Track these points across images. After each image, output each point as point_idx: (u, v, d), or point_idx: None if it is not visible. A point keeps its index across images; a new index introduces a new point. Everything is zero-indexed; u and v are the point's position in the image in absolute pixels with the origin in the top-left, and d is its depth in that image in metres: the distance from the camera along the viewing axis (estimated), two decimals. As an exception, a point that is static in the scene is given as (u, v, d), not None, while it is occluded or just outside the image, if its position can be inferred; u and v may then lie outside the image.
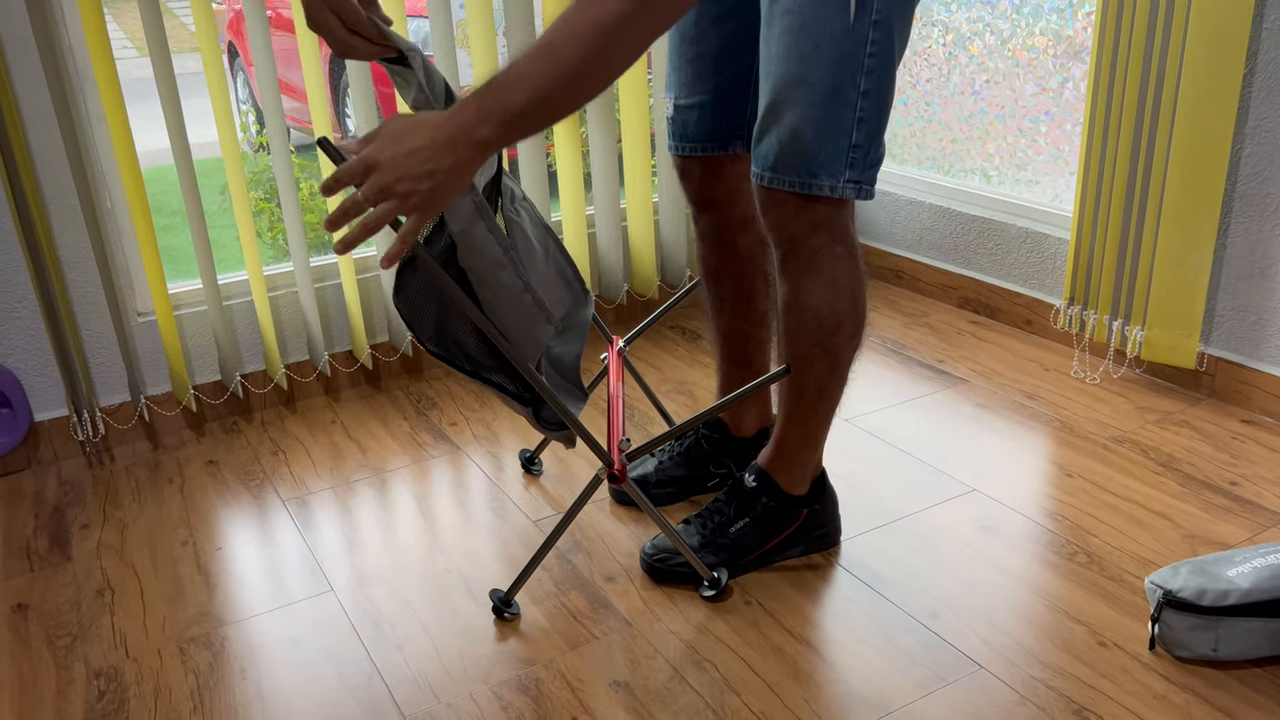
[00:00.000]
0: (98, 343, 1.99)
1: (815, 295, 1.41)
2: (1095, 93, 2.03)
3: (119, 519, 1.79)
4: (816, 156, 1.34)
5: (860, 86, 1.32)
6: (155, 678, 1.39)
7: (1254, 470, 1.77)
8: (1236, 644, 1.30)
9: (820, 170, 1.35)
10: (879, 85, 1.33)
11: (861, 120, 1.34)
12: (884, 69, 1.33)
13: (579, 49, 1.06)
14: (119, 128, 1.84)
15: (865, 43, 1.30)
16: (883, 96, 1.34)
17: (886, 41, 1.32)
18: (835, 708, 1.28)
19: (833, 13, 1.28)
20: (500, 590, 1.51)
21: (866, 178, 1.37)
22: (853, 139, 1.34)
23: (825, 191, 1.35)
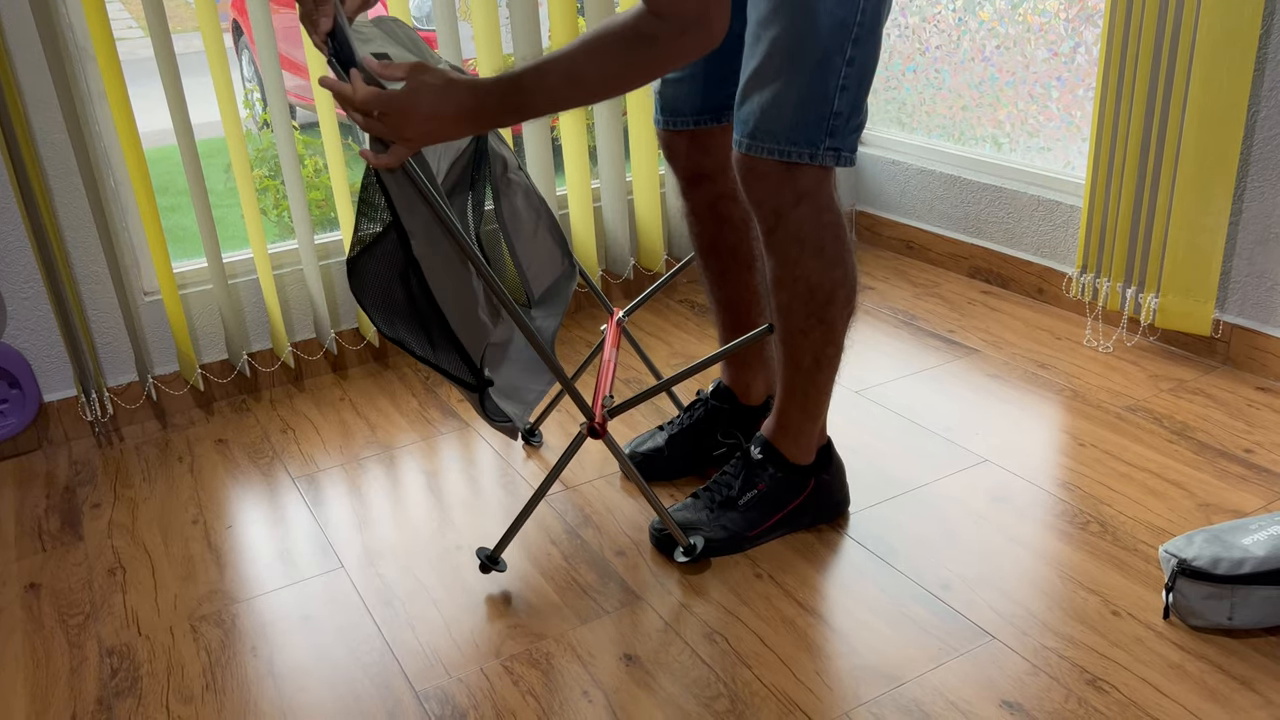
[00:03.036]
0: (104, 323, 1.99)
1: (806, 267, 1.40)
2: (1108, 57, 1.99)
3: (129, 498, 1.80)
4: (797, 124, 1.33)
5: (847, 54, 1.31)
6: (167, 655, 1.40)
7: (1269, 438, 1.75)
8: (1252, 612, 1.29)
9: (800, 138, 1.33)
10: (865, 52, 1.32)
11: (844, 88, 1.33)
12: (872, 36, 1.32)
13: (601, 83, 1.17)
14: (120, 106, 1.83)
15: (857, 10, 1.29)
16: (867, 63, 1.33)
17: (872, 12, 1.31)
18: (847, 679, 1.28)
19: None
20: (487, 548, 1.51)
21: (847, 144, 1.36)
22: (834, 106, 1.33)
23: (805, 159, 1.34)
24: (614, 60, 1.15)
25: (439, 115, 1.18)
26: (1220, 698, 1.21)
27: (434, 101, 1.18)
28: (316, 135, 4.33)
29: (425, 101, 1.18)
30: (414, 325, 1.34)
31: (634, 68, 1.16)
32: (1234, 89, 1.83)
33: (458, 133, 1.20)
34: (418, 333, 1.34)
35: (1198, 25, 1.83)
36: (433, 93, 1.18)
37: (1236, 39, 1.80)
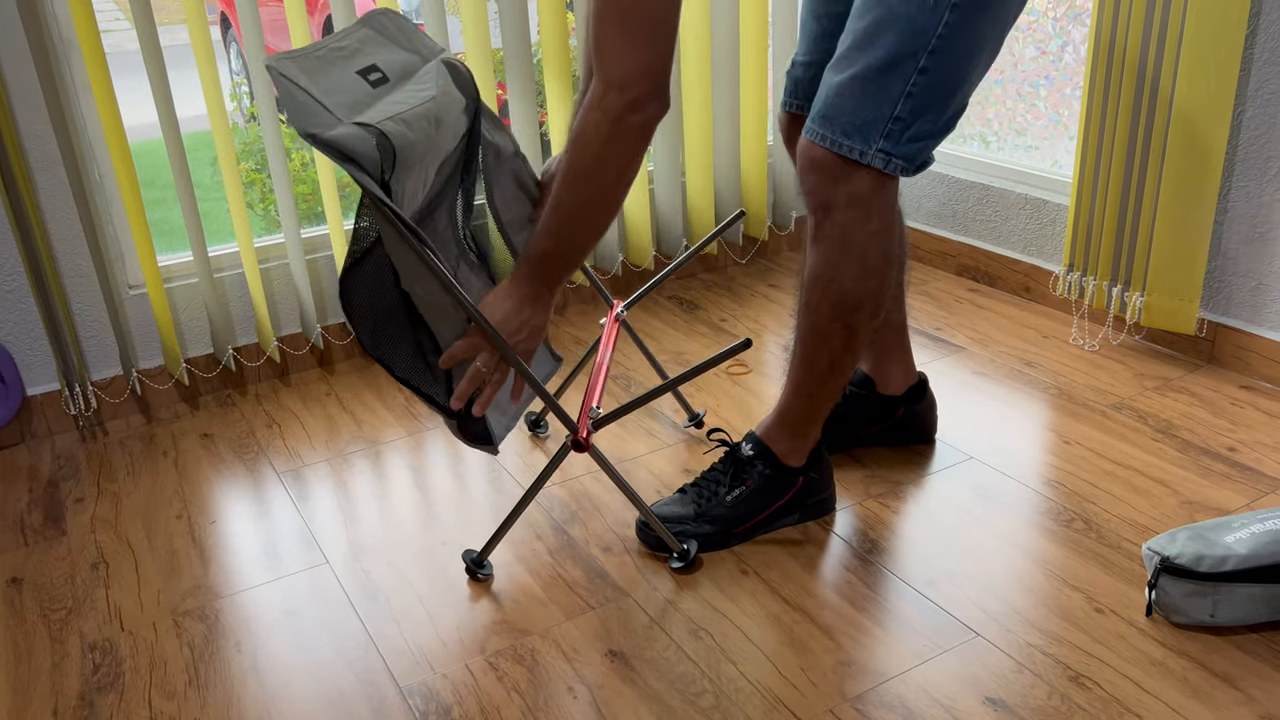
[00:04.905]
0: (88, 316, 1.98)
1: (844, 270, 1.40)
2: (1095, 56, 2.00)
3: (113, 492, 1.79)
4: (856, 118, 1.33)
5: (920, 62, 1.31)
6: (150, 651, 1.39)
7: (1253, 436, 1.76)
8: (1234, 610, 1.29)
9: (855, 133, 1.34)
10: (941, 67, 1.32)
11: (910, 95, 1.33)
12: (951, 55, 1.31)
13: (576, 195, 1.28)
14: (105, 98, 1.82)
15: (939, 23, 1.29)
16: (943, 80, 1.33)
17: (961, 28, 1.30)
18: (832, 676, 1.28)
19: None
20: (473, 550, 1.51)
21: (899, 152, 1.35)
22: (895, 110, 1.33)
23: (855, 156, 1.34)
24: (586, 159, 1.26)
25: (505, 317, 1.35)
26: (1202, 694, 1.22)
27: (492, 315, 1.34)
28: (304, 129, 4.31)
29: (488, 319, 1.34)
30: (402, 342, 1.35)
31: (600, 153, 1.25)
32: (1220, 88, 1.83)
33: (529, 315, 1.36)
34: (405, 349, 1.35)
35: (1184, 25, 1.83)
36: (488, 311, 1.35)
37: (1223, 38, 1.80)
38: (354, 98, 1.42)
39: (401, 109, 1.43)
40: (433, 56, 1.60)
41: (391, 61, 1.53)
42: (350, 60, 1.46)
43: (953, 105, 1.36)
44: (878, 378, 1.75)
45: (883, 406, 1.74)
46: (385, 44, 1.55)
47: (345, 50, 1.47)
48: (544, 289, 1.36)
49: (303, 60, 1.39)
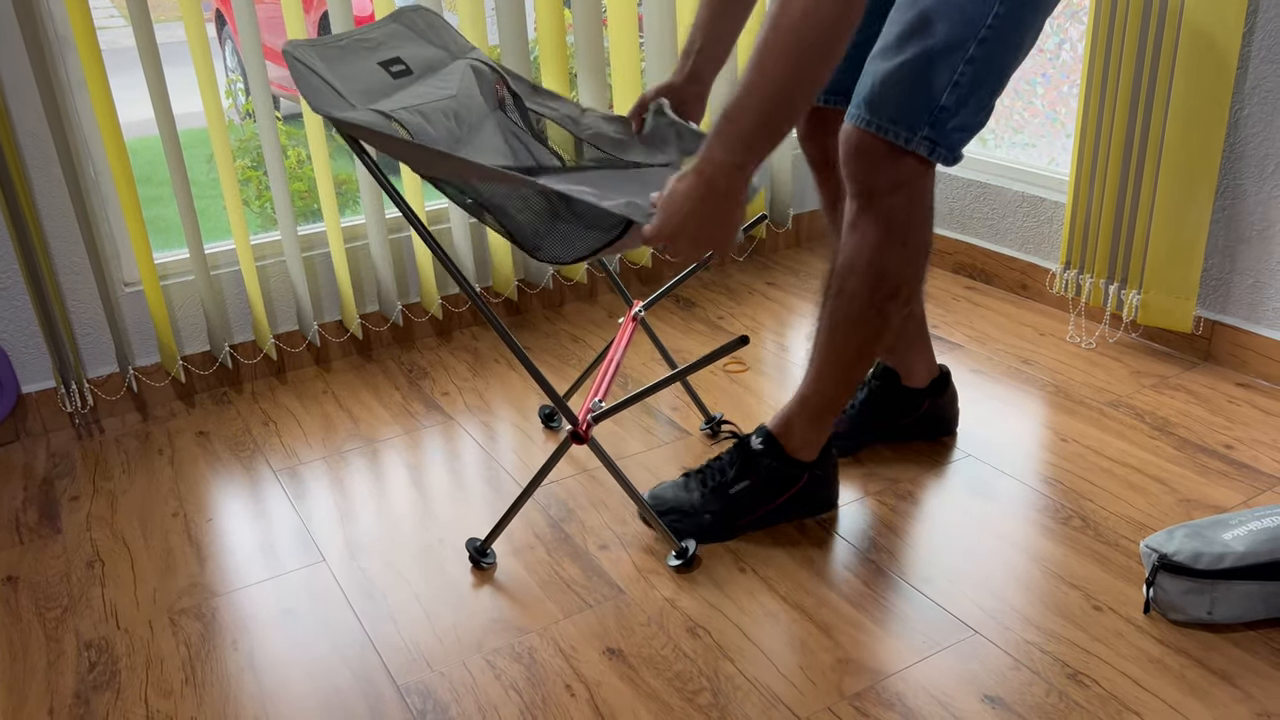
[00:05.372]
0: (84, 313, 1.97)
1: (887, 254, 1.41)
2: (1093, 54, 2.00)
3: (109, 490, 1.78)
4: (902, 104, 1.34)
5: (969, 52, 1.32)
6: (146, 649, 1.39)
7: (1249, 434, 1.76)
8: (1232, 607, 1.29)
9: (901, 118, 1.34)
10: (988, 58, 1.32)
11: (957, 84, 1.33)
12: (999, 45, 1.32)
13: (783, 63, 1.16)
14: (100, 95, 1.81)
15: (989, 13, 1.30)
16: (990, 68, 1.33)
17: (1011, 19, 1.31)
18: (830, 673, 1.28)
19: None
20: (476, 539, 1.51)
21: (944, 141, 1.36)
22: (941, 99, 1.34)
23: (901, 142, 1.35)
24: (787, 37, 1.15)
25: (691, 211, 1.21)
26: (1199, 692, 1.22)
27: (680, 201, 1.21)
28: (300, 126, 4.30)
29: (675, 205, 1.21)
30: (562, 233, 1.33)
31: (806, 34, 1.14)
32: (1217, 86, 1.83)
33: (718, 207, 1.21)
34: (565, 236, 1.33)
35: (1181, 22, 1.83)
36: (677, 195, 1.21)
37: (1220, 36, 1.80)
38: (370, 85, 1.42)
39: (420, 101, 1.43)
40: (462, 54, 1.60)
41: (417, 56, 1.54)
42: (374, 52, 1.47)
43: (994, 96, 1.37)
44: (902, 371, 1.75)
45: (908, 399, 1.75)
46: (413, 39, 1.55)
47: (370, 42, 1.48)
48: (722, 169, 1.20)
49: (323, 48, 1.40)
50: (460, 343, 2.30)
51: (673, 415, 1.93)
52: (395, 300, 2.21)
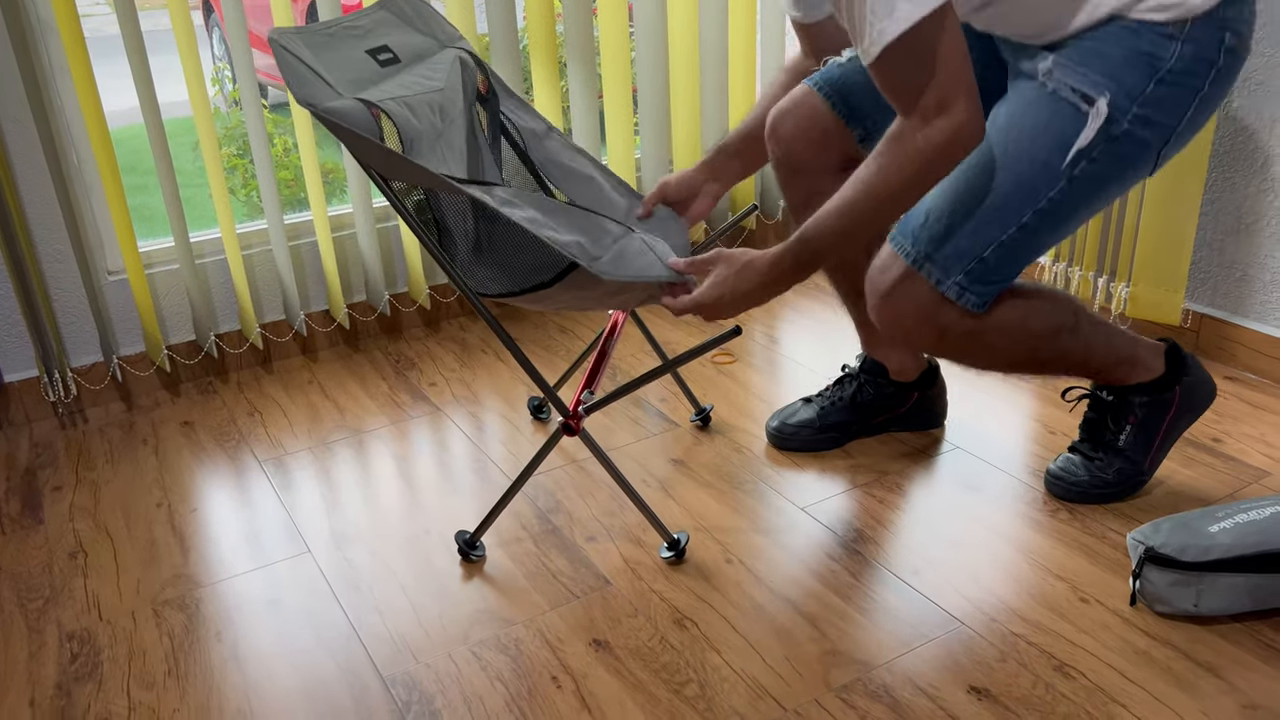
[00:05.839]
0: (68, 302, 1.95)
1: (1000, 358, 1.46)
2: (1083, 45, 1.99)
3: (92, 480, 1.77)
4: (943, 244, 1.34)
5: (1023, 219, 1.32)
6: (129, 640, 1.38)
7: (1237, 427, 1.76)
8: (1218, 599, 1.30)
9: (938, 256, 1.34)
10: (1041, 227, 1.33)
11: (1003, 244, 1.33)
12: (1055, 218, 1.32)
13: (898, 199, 1.23)
14: (84, 81, 1.79)
15: (1053, 187, 1.30)
16: (1038, 239, 1.34)
17: (1077, 196, 1.31)
18: (817, 665, 1.28)
19: (1044, 146, 1.29)
20: (466, 531, 1.51)
21: (975, 290, 1.36)
22: (984, 253, 1.34)
23: (931, 279, 1.35)
24: (876, 177, 1.21)
25: (746, 294, 1.30)
26: (1185, 683, 1.22)
27: (736, 285, 1.30)
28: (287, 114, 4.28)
29: (729, 289, 1.30)
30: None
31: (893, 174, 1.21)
32: (1207, 79, 1.83)
33: (764, 299, 1.32)
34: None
35: (1172, 15, 1.83)
36: (735, 279, 1.30)
37: (1210, 29, 1.80)
38: (358, 74, 1.41)
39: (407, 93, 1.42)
40: (450, 42, 1.59)
41: (405, 44, 1.52)
42: (361, 39, 1.45)
43: (1036, 257, 1.37)
44: (891, 365, 1.74)
45: (897, 393, 1.74)
46: (401, 26, 1.54)
47: (358, 30, 1.46)
48: (786, 273, 1.29)
49: (309, 35, 1.38)
50: (448, 333, 2.29)
51: (661, 406, 1.93)
52: (382, 290, 2.19)
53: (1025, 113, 1.31)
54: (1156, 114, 1.27)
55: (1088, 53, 1.27)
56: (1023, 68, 1.35)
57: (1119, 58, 1.25)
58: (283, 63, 1.30)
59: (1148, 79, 1.25)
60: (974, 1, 1.30)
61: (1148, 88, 1.25)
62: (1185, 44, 1.23)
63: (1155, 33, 1.23)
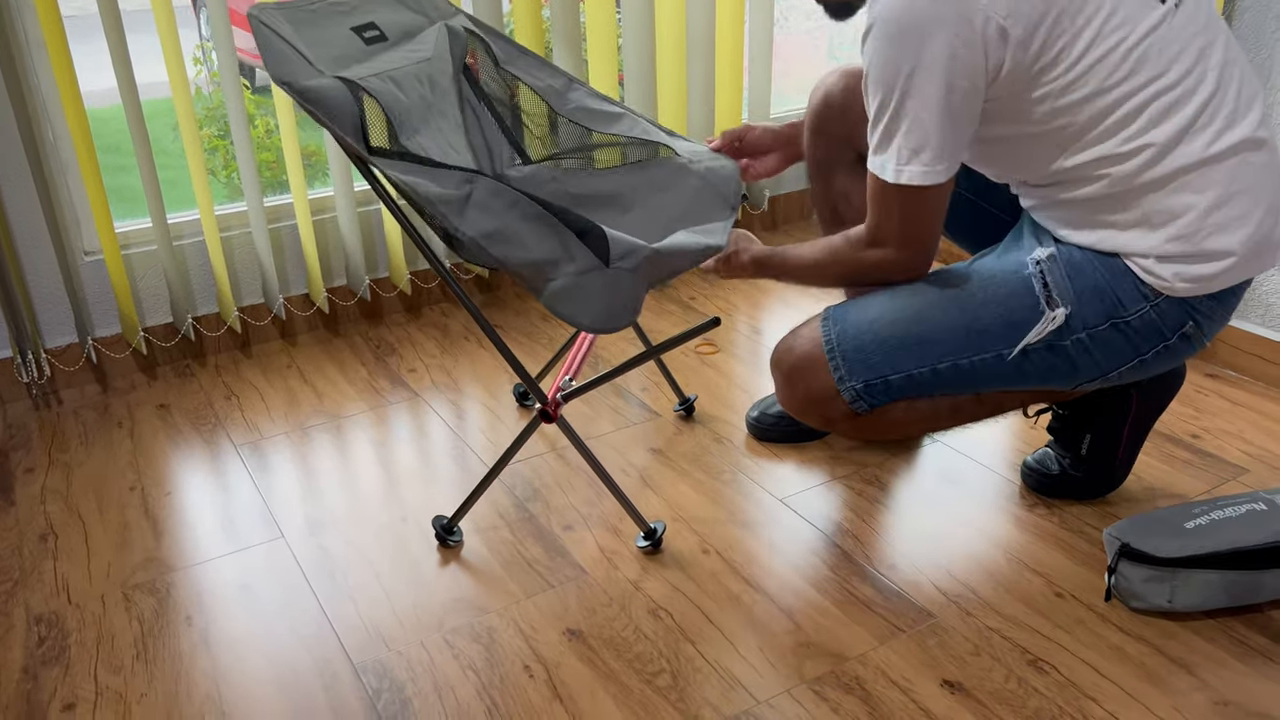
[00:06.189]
0: (42, 282, 1.93)
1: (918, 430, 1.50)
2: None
3: (65, 463, 1.75)
4: (862, 349, 1.37)
5: (940, 365, 1.35)
6: (98, 624, 1.36)
7: (1216, 424, 1.76)
8: (1192, 596, 1.30)
9: (851, 357, 1.38)
10: (952, 379, 1.36)
11: (911, 377, 1.36)
12: (969, 378, 1.36)
13: (838, 280, 1.44)
14: (60, 59, 1.76)
15: (981, 354, 1.34)
16: (944, 385, 1.37)
17: (997, 372, 1.35)
18: (791, 656, 1.27)
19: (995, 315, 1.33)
20: (444, 517, 1.50)
21: (867, 399, 1.39)
22: (890, 376, 1.37)
23: (835, 373, 1.39)
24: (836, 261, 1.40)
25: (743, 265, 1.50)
26: (1157, 679, 1.22)
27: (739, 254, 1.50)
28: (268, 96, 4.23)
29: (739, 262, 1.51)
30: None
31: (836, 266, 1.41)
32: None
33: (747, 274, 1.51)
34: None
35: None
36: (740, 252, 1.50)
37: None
38: (342, 52, 1.38)
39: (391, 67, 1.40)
40: (440, 19, 1.57)
41: (393, 22, 1.50)
42: (347, 16, 1.43)
43: (941, 393, 1.39)
44: None
45: None
46: (390, 3, 1.52)
47: (344, 6, 1.44)
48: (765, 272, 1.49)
49: (291, 11, 1.36)
50: (430, 319, 2.27)
51: (643, 396, 1.92)
52: (363, 275, 2.18)
53: (1000, 279, 1.34)
54: (1097, 350, 1.31)
55: (1080, 264, 1.30)
56: (1025, 241, 1.38)
57: (1096, 285, 1.29)
58: (261, 39, 1.28)
59: (1105, 318, 1.29)
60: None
61: (1102, 325, 1.30)
62: (1152, 309, 1.28)
63: (1136, 286, 1.28)
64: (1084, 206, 1.29)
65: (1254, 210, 1.24)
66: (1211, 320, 1.31)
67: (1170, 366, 1.36)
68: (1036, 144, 1.27)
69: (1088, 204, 1.28)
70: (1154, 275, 1.26)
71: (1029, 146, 1.28)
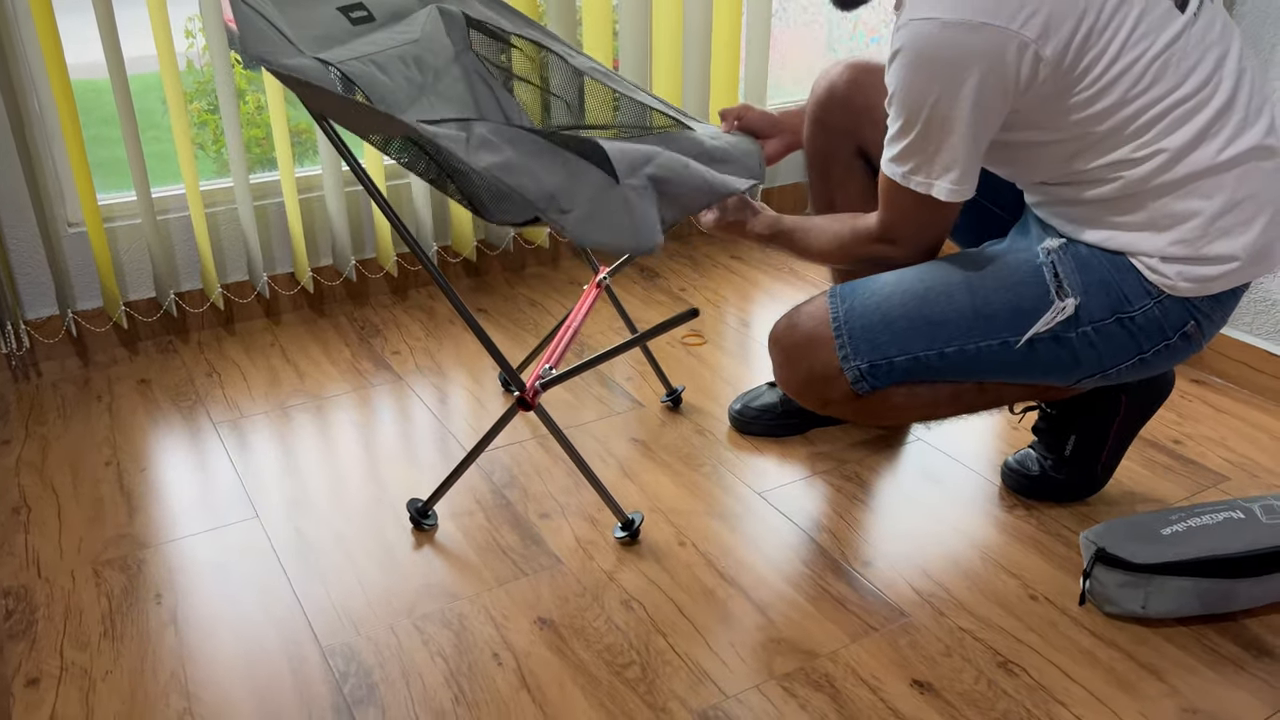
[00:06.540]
0: (24, 253, 1.91)
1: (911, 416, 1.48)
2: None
3: (42, 435, 1.73)
4: (870, 328, 1.36)
5: (947, 349, 1.34)
6: (66, 599, 1.35)
7: (1199, 430, 1.76)
8: (1165, 602, 1.29)
9: (859, 335, 1.36)
10: (956, 362, 1.35)
11: (918, 359, 1.35)
12: (973, 364, 1.35)
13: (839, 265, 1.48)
14: (46, 28, 1.74)
15: (987, 340, 1.33)
16: (948, 370, 1.36)
17: (1001, 359, 1.34)
18: (761, 652, 1.27)
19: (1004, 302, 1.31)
20: (419, 500, 1.49)
21: (870, 379, 1.37)
22: (896, 357, 1.35)
23: (840, 351, 1.37)
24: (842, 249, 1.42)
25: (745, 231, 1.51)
26: (1127, 685, 1.22)
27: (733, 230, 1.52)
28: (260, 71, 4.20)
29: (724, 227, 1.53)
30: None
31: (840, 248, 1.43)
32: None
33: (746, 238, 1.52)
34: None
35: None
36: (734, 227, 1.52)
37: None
38: (326, 32, 1.37)
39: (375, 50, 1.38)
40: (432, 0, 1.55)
41: (381, 3, 1.48)
42: None
43: (934, 380, 1.38)
44: None
45: None
46: None
47: None
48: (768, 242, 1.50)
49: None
50: (416, 301, 2.26)
51: (627, 386, 1.91)
52: (349, 255, 2.16)
53: (1011, 266, 1.33)
54: (1101, 345, 1.31)
55: (1087, 259, 1.30)
56: (1033, 231, 1.37)
57: (1103, 280, 1.29)
58: (240, 16, 1.26)
59: (1110, 312, 1.29)
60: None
61: (1108, 320, 1.29)
62: (1155, 307, 1.28)
63: (1141, 282, 1.28)
64: (1094, 206, 1.28)
65: (1259, 216, 1.24)
66: (1211, 321, 1.31)
67: (1168, 367, 1.36)
68: (1055, 149, 1.26)
69: (1098, 204, 1.28)
70: (1158, 274, 1.26)
71: (1047, 150, 1.27)
